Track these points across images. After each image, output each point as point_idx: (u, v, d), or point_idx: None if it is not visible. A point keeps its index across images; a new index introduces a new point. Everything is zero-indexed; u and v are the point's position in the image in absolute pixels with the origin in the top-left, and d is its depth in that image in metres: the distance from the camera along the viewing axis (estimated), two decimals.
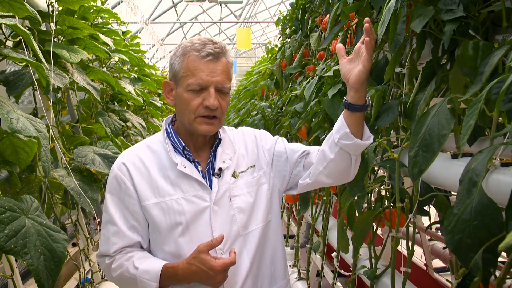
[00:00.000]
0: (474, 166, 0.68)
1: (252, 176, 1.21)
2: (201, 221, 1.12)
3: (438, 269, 2.96)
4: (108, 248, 1.12)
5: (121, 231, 1.12)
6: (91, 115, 2.55)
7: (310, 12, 2.47)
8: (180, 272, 1.05)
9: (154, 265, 1.08)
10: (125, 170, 1.14)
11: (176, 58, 1.12)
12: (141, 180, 1.13)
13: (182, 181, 1.13)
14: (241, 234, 1.16)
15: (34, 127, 1.27)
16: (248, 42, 9.28)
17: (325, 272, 1.98)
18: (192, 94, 1.09)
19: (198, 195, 1.13)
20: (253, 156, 1.24)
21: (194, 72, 1.08)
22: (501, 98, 0.65)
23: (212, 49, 1.08)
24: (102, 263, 1.15)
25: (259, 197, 1.20)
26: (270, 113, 2.86)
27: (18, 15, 1.43)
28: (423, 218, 2.66)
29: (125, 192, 1.13)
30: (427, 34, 1.05)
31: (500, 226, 0.62)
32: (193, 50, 1.08)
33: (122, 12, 7.11)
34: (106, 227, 1.14)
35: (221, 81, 1.09)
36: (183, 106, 1.11)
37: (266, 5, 15.32)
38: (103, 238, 1.14)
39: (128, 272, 1.09)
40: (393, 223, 1.19)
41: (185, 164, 1.13)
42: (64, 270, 2.38)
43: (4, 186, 1.53)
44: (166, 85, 1.16)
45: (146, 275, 1.07)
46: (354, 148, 1.11)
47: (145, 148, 1.19)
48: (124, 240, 1.12)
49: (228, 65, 1.13)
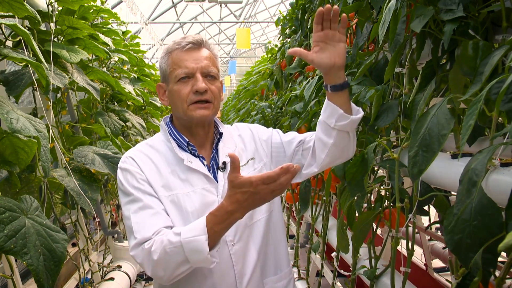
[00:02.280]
0: (473, 166, 0.68)
1: (253, 168, 1.22)
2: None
3: (438, 269, 2.96)
4: (147, 232, 1.04)
5: (158, 212, 1.08)
6: (91, 115, 2.55)
7: (310, 12, 2.47)
8: (228, 206, 0.96)
9: (197, 221, 1.00)
10: (134, 162, 1.14)
11: (162, 59, 1.17)
12: (151, 173, 1.13)
13: (191, 176, 1.14)
14: (248, 224, 1.17)
15: (34, 127, 1.27)
16: (248, 42, 9.27)
17: (325, 272, 1.98)
18: (181, 84, 1.12)
19: (206, 188, 1.15)
20: (251, 149, 1.26)
21: (179, 63, 1.12)
22: (500, 98, 0.65)
23: (192, 39, 1.14)
24: (140, 254, 1.04)
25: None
26: (270, 113, 2.86)
27: (18, 15, 1.43)
28: (423, 218, 2.66)
29: (142, 180, 1.12)
30: (427, 34, 1.05)
31: (500, 226, 0.62)
32: (175, 45, 1.15)
33: (121, 12, 7.10)
34: (138, 215, 1.07)
35: (205, 66, 1.12)
36: (175, 98, 1.14)
37: (266, 5, 15.32)
38: (137, 226, 1.06)
39: (171, 243, 0.99)
40: (392, 223, 1.19)
41: (191, 160, 1.15)
42: (63, 270, 2.38)
43: (3, 186, 1.53)
44: (159, 88, 1.20)
45: (191, 233, 0.97)
46: (351, 125, 1.13)
47: (149, 147, 1.20)
48: (162, 220, 1.07)
49: (211, 54, 1.16)
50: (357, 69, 1.45)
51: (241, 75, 5.86)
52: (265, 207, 1.21)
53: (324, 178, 1.59)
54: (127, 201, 1.11)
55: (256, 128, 1.31)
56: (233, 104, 5.71)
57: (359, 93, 1.28)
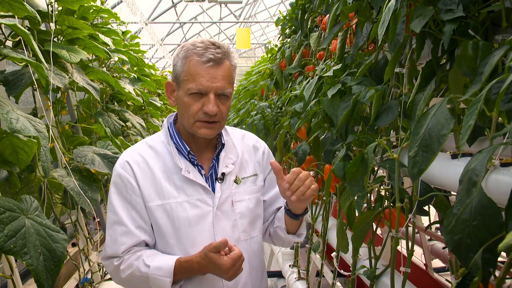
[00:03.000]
0: (473, 166, 0.68)
1: (254, 184, 1.24)
2: (204, 224, 1.13)
3: (438, 269, 2.96)
4: (117, 249, 1.10)
5: (129, 231, 1.10)
6: (91, 115, 2.55)
7: (310, 12, 2.47)
8: (196, 265, 1.04)
9: (167, 261, 1.06)
10: (129, 169, 1.13)
11: (178, 60, 1.11)
12: (145, 180, 1.13)
13: (186, 185, 1.13)
14: (242, 239, 1.18)
15: (34, 127, 1.27)
16: (248, 42, 9.27)
17: (325, 272, 1.98)
18: (192, 99, 1.08)
19: (202, 199, 1.14)
20: (257, 166, 1.27)
21: (194, 77, 1.07)
22: (500, 98, 0.65)
23: (213, 54, 1.07)
24: (110, 266, 1.13)
25: (259, 206, 1.24)
26: (270, 113, 2.86)
27: (18, 15, 1.43)
28: (422, 218, 2.66)
29: (131, 191, 1.12)
30: (427, 34, 1.05)
31: (500, 226, 0.62)
32: (195, 54, 1.08)
33: (121, 12, 7.11)
34: (113, 228, 1.12)
35: (221, 87, 1.08)
36: (183, 109, 1.11)
37: (266, 5, 15.32)
38: (110, 239, 1.12)
39: (139, 271, 1.07)
40: (392, 223, 1.19)
41: (189, 169, 1.14)
42: (63, 270, 2.38)
43: (3, 186, 1.53)
44: (169, 85, 1.16)
45: (159, 272, 1.05)
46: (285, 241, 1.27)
47: (148, 148, 1.18)
48: (132, 239, 1.11)
49: (231, 68, 1.12)
50: (357, 69, 1.45)
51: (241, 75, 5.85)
52: (261, 225, 1.26)
53: (324, 178, 1.59)
54: (109, 209, 1.15)
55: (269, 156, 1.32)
56: (233, 104, 5.71)
57: (359, 93, 1.28)
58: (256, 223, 1.23)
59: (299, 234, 1.26)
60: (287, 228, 1.23)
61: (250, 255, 1.20)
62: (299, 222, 1.23)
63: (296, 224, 1.22)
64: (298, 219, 1.20)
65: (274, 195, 1.31)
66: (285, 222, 1.22)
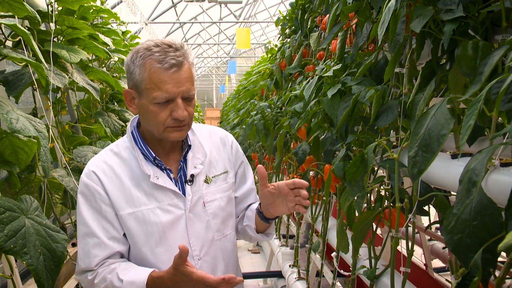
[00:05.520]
0: (473, 166, 0.68)
1: (225, 182, 1.22)
2: (177, 229, 1.12)
3: (438, 269, 2.96)
4: (90, 262, 1.07)
5: (102, 243, 1.07)
6: (91, 115, 2.55)
7: (310, 12, 2.47)
8: (168, 282, 1.02)
9: (140, 275, 1.04)
10: (96, 178, 1.10)
11: (135, 67, 1.05)
12: (113, 189, 1.10)
13: (156, 191, 1.11)
14: (216, 239, 1.17)
15: (34, 127, 1.27)
16: (248, 42, 9.26)
17: (325, 272, 1.98)
18: (159, 107, 1.05)
19: (173, 203, 1.12)
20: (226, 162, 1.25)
21: (159, 85, 1.02)
22: (500, 98, 0.65)
23: (174, 58, 1.03)
24: (84, 280, 1.10)
25: (230, 203, 1.24)
26: (270, 113, 2.86)
27: (18, 15, 1.43)
28: (422, 218, 2.66)
29: (101, 201, 1.09)
30: (427, 34, 1.05)
31: (500, 226, 0.62)
32: (154, 61, 1.02)
33: (121, 12, 7.10)
34: (84, 241, 1.09)
35: (186, 90, 1.05)
36: (150, 117, 1.07)
37: (266, 5, 15.31)
38: (82, 252, 1.09)
39: (113, 286, 1.04)
40: (392, 223, 1.19)
41: (157, 175, 1.11)
42: (63, 270, 2.38)
43: (3, 186, 1.53)
44: (127, 94, 1.11)
45: (131, 286, 1.02)
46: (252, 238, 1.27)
47: (113, 155, 1.15)
48: (106, 251, 1.08)
49: (191, 68, 1.09)
50: (357, 69, 1.45)
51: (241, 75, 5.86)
52: (233, 223, 1.25)
53: (324, 178, 1.59)
54: (79, 221, 1.12)
55: (237, 149, 1.30)
56: (233, 104, 5.71)
57: (359, 93, 1.28)
58: (229, 221, 1.22)
59: (268, 234, 1.27)
60: (256, 228, 1.23)
61: (224, 254, 1.20)
62: (270, 224, 1.24)
63: (267, 225, 1.23)
64: (269, 223, 1.21)
65: (246, 192, 1.30)
66: (255, 222, 1.23)
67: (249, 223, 1.25)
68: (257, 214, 1.21)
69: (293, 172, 2.45)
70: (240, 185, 1.29)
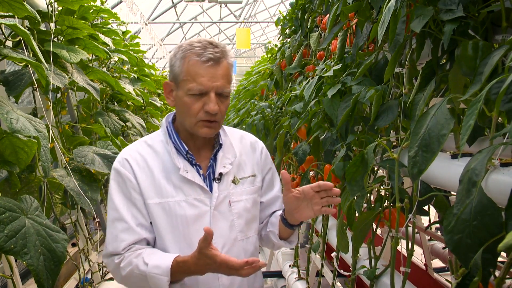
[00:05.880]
0: (473, 166, 0.68)
1: (252, 185, 1.24)
2: (201, 224, 1.13)
3: (438, 269, 2.96)
4: (117, 246, 1.11)
5: (130, 228, 1.11)
6: (91, 115, 2.55)
7: (310, 12, 2.47)
8: (192, 266, 1.04)
9: (165, 260, 1.06)
10: (128, 166, 1.15)
11: (176, 60, 1.12)
12: (144, 178, 1.14)
13: (184, 185, 1.14)
14: (239, 239, 1.19)
15: (34, 127, 1.27)
16: (248, 42, 9.27)
17: (325, 272, 1.98)
18: (193, 98, 1.09)
19: (200, 199, 1.15)
20: (255, 166, 1.27)
21: (194, 77, 1.08)
22: (500, 98, 0.65)
23: (212, 53, 1.08)
24: (111, 264, 1.13)
25: (255, 207, 1.25)
26: (270, 113, 2.86)
27: (18, 15, 1.43)
28: (422, 218, 2.66)
29: (131, 188, 1.13)
30: (427, 34, 1.05)
31: (500, 226, 0.62)
32: (194, 54, 1.08)
33: (121, 12, 7.10)
34: (114, 225, 1.13)
35: (221, 86, 1.09)
36: (184, 109, 1.12)
37: (266, 5, 15.32)
38: (111, 236, 1.12)
39: (138, 269, 1.07)
40: (392, 223, 1.19)
41: (187, 169, 1.14)
42: (63, 270, 2.38)
43: (3, 186, 1.53)
44: (167, 86, 1.16)
45: (156, 270, 1.05)
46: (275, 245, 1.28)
47: (147, 147, 1.19)
48: (133, 236, 1.11)
49: (229, 67, 1.13)
50: (357, 69, 1.45)
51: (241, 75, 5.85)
52: (257, 226, 1.26)
53: (324, 178, 1.59)
54: (109, 206, 1.16)
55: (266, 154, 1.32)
56: (233, 104, 5.71)
57: (359, 93, 1.28)
58: (252, 223, 1.24)
59: (290, 241, 1.28)
60: (280, 234, 1.24)
61: (246, 255, 1.21)
62: (293, 231, 1.25)
63: (290, 232, 1.24)
64: (293, 229, 1.22)
65: (272, 198, 1.31)
66: (279, 228, 1.24)
67: (272, 229, 1.26)
68: (281, 220, 1.21)
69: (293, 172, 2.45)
70: (266, 191, 1.31)
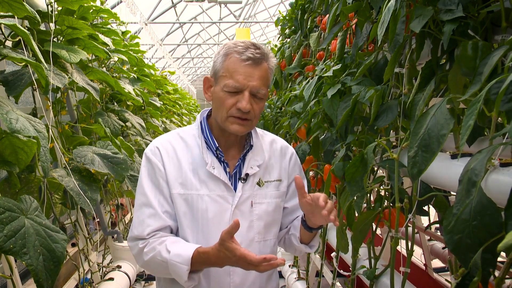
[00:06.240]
0: (473, 166, 0.68)
1: (277, 189, 1.25)
2: (221, 221, 1.15)
3: (438, 269, 2.96)
4: (143, 230, 1.13)
5: (156, 214, 1.14)
6: (91, 115, 2.55)
7: (310, 12, 2.47)
8: (212, 257, 1.05)
9: (187, 249, 1.08)
10: (159, 154, 1.18)
11: (219, 57, 1.15)
12: (172, 168, 1.17)
13: (210, 180, 1.17)
14: (256, 240, 1.20)
15: (34, 127, 1.27)
16: None
17: (325, 272, 1.98)
18: (228, 94, 1.12)
19: (223, 195, 1.17)
20: (282, 171, 1.28)
21: (232, 74, 1.11)
22: (500, 98, 0.65)
23: (253, 53, 1.11)
24: (135, 247, 1.15)
25: (277, 211, 1.26)
26: (270, 113, 2.86)
27: (17, 15, 1.42)
28: (422, 218, 2.66)
29: (160, 176, 1.16)
30: (427, 34, 1.05)
31: (499, 226, 0.62)
32: (235, 52, 1.11)
33: (121, 12, 7.10)
34: (141, 210, 1.16)
35: (256, 86, 1.11)
36: (218, 103, 1.15)
37: (266, 5, 15.31)
38: (137, 221, 1.15)
39: (160, 256, 1.09)
40: (392, 223, 1.19)
41: (214, 165, 1.17)
42: (63, 270, 2.38)
43: (3, 186, 1.53)
44: (206, 80, 1.20)
45: (178, 259, 1.07)
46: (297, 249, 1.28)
47: (179, 139, 1.22)
48: (159, 222, 1.14)
49: (268, 70, 1.15)
50: (357, 69, 1.45)
51: None
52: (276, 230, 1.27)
53: (324, 178, 1.59)
54: (138, 191, 1.19)
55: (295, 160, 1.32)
56: None
57: (358, 93, 1.28)
58: (272, 227, 1.24)
59: (311, 246, 1.28)
60: (300, 237, 1.25)
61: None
62: (313, 234, 1.25)
63: (310, 235, 1.25)
64: (312, 232, 1.22)
65: (297, 204, 1.30)
66: (299, 231, 1.25)
67: (294, 232, 1.27)
68: (302, 223, 1.22)
69: None
70: (292, 197, 1.31)
